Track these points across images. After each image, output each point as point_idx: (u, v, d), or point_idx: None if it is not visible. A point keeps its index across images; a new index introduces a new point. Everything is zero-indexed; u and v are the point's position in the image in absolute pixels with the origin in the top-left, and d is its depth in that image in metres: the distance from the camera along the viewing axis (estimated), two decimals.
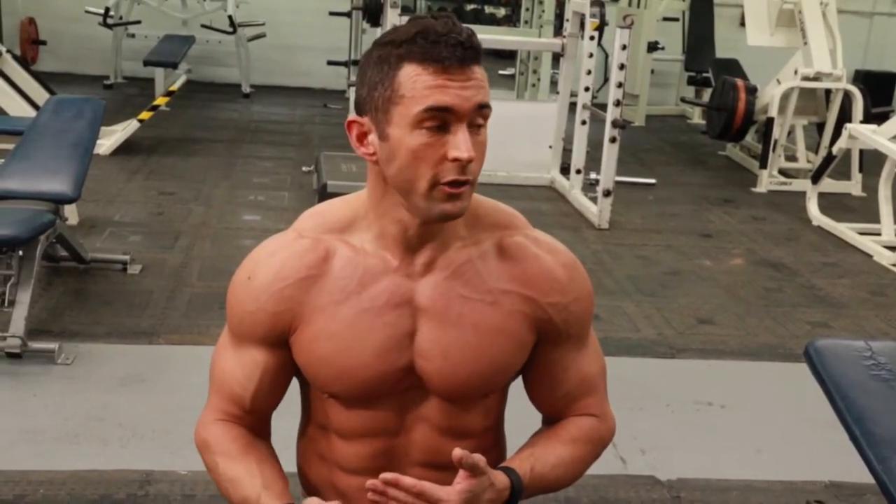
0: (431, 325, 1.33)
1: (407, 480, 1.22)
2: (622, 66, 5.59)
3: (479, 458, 1.24)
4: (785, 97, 6.81)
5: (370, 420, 1.37)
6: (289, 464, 1.55)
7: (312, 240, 1.34)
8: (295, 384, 1.49)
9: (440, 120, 1.20)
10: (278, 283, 1.33)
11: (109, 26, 8.83)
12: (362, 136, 1.28)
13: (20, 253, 3.49)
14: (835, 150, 5.91)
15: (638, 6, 9.32)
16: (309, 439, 1.47)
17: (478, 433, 1.41)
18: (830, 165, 5.98)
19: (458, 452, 1.21)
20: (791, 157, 7.35)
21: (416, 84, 1.20)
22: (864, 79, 9.42)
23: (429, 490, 1.22)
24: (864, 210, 6.31)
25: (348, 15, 8.71)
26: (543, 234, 1.41)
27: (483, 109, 1.23)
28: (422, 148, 1.21)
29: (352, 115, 1.29)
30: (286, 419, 1.53)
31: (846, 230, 5.71)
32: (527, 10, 9.44)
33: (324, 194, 4.56)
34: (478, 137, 1.24)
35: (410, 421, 1.38)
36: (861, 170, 6.75)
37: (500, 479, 1.29)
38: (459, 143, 1.20)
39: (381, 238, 1.32)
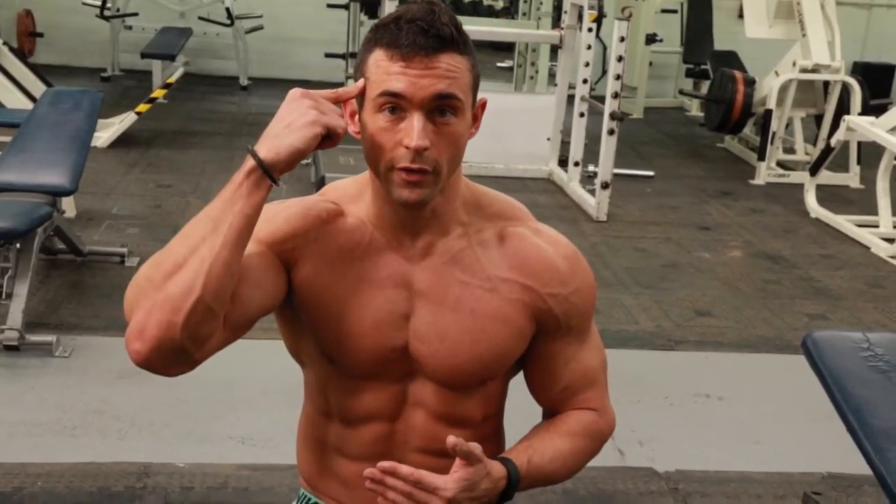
0: (428, 308, 1.33)
1: (404, 469, 1.22)
2: (620, 59, 5.58)
3: (474, 446, 1.24)
4: (783, 89, 6.81)
5: (370, 404, 1.38)
6: (290, 456, 1.55)
7: (332, 201, 1.38)
8: (296, 373, 1.49)
9: (395, 104, 1.22)
10: (302, 210, 1.35)
11: (107, 18, 8.80)
12: (353, 115, 1.31)
13: (17, 245, 3.48)
14: (833, 142, 5.91)
15: None
16: (310, 426, 1.47)
17: (476, 422, 1.41)
18: (828, 157, 5.98)
19: (451, 440, 1.22)
20: (789, 150, 7.35)
21: (379, 69, 1.23)
22: (862, 71, 9.39)
23: (426, 478, 1.23)
24: (862, 202, 6.31)
25: (346, 7, 8.70)
26: (546, 227, 1.42)
27: (446, 100, 1.22)
28: (380, 132, 1.24)
29: None
30: (285, 411, 1.53)
31: (844, 222, 5.71)
32: (525, 1, 9.43)
33: (321, 186, 4.55)
34: (444, 128, 1.24)
35: (409, 407, 1.38)
36: (859, 162, 6.75)
37: (497, 468, 1.29)
38: (409, 131, 1.22)
39: (379, 217, 1.34)
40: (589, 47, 6.12)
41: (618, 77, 5.60)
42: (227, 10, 8.84)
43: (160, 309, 1.16)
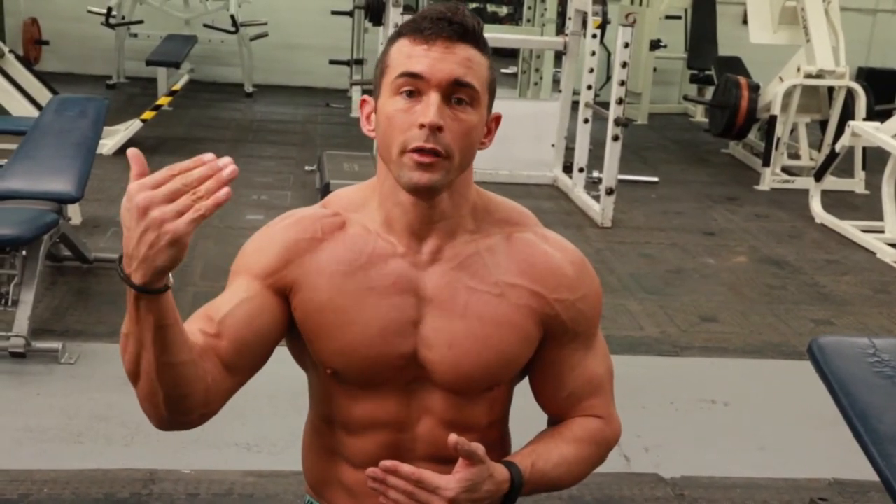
0: (436, 314, 1.33)
1: (406, 468, 1.22)
2: (625, 64, 5.59)
3: (476, 447, 1.24)
4: (788, 95, 6.80)
5: (375, 412, 1.37)
6: (295, 462, 1.55)
7: (333, 211, 1.38)
8: (301, 380, 1.49)
9: (413, 86, 1.24)
10: (294, 233, 1.35)
11: (112, 26, 8.84)
12: (369, 115, 1.33)
13: (24, 253, 3.49)
14: (838, 147, 5.90)
15: (640, 4, 9.31)
16: (315, 433, 1.47)
17: (482, 427, 1.40)
18: (833, 163, 5.98)
19: (453, 438, 1.21)
20: (794, 155, 7.34)
21: (401, 54, 1.26)
22: (866, 76, 9.41)
23: (427, 478, 1.23)
24: (867, 207, 6.31)
25: (350, 14, 8.72)
26: (553, 233, 1.42)
27: (463, 88, 1.24)
28: (396, 113, 1.25)
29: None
30: (291, 417, 1.54)
31: (849, 228, 5.70)
32: (529, 8, 9.43)
33: (326, 193, 4.55)
34: (459, 114, 1.25)
35: (415, 413, 1.38)
36: (864, 167, 6.75)
37: (500, 471, 1.29)
38: (426, 109, 1.23)
39: (387, 223, 1.34)
40: (593, 53, 6.12)
41: (622, 83, 5.61)
42: (232, 17, 8.86)
43: (144, 403, 1.23)
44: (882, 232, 5.58)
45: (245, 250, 1.38)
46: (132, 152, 1.05)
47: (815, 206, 6.05)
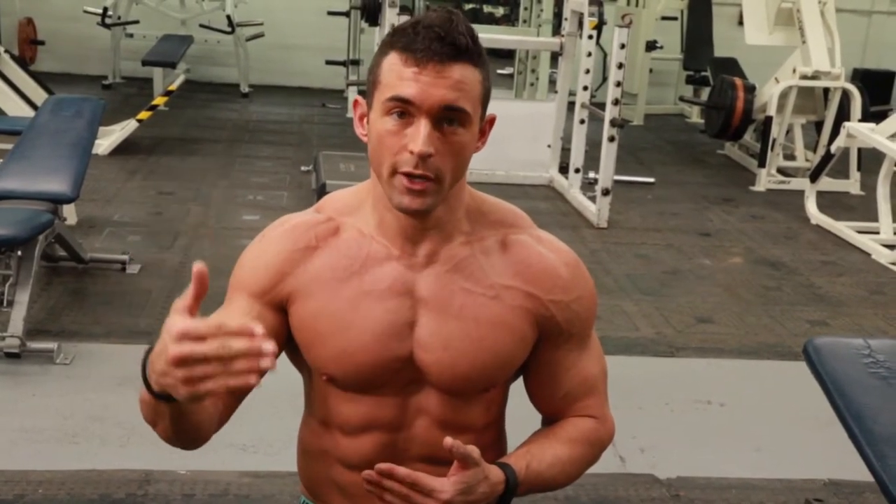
0: (432, 316, 1.33)
1: (401, 471, 1.23)
2: (621, 65, 5.60)
3: (472, 449, 1.24)
4: (783, 96, 6.82)
5: (371, 413, 1.37)
6: (291, 463, 1.55)
7: (326, 217, 1.37)
8: (298, 380, 1.49)
9: (403, 110, 1.23)
10: (288, 243, 1.35)
11: (108, 26, 8.83)
12: (362, 117, 1.32)
13: (19, 253, 3.49)
14: (833, 148, 5.91)
15: (636, 5, 9.33)
16: (311, 435, 1.47)
17: (478, 428, 1.41)
18: (829, 164, 5.99)
19: (448, 440, 1.22)
20: (789, 156, 7.36)
21: (392, 72, 1.24)
22: (862, 77, 9.43)
23: (422, 480, 1.23)
24: (862, 208, 6.32)
25: (347, 14, 8.73)
26: (547, 234, 1.42)
27: (454, 112, 1.23)
28: (387, 134, 1.24)
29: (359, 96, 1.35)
30: (287, 418, 1.53)
31: (845, 229, 5.71)
32: (525, 9, 9.44)
33: (322, 194, 4.55)
34: (451, 137, 1.24)
35: (411, 415, 1.38)
36: (859, 168, 6.76)
37: (495, 472, 1.30)
38: (415, 136, 1.22)
39: (381, 226, 1.34)
40: (589, 54, 6.13)
41: (618, 84, 5.61)
42: (228, 17, 8.86)
43: (162, 438, 1.29)
44: (877, 233, 5.59)
45: (241, 264, 1.38)
46: (198, 268, 1.04)
47: (811, 207, 6.06)
